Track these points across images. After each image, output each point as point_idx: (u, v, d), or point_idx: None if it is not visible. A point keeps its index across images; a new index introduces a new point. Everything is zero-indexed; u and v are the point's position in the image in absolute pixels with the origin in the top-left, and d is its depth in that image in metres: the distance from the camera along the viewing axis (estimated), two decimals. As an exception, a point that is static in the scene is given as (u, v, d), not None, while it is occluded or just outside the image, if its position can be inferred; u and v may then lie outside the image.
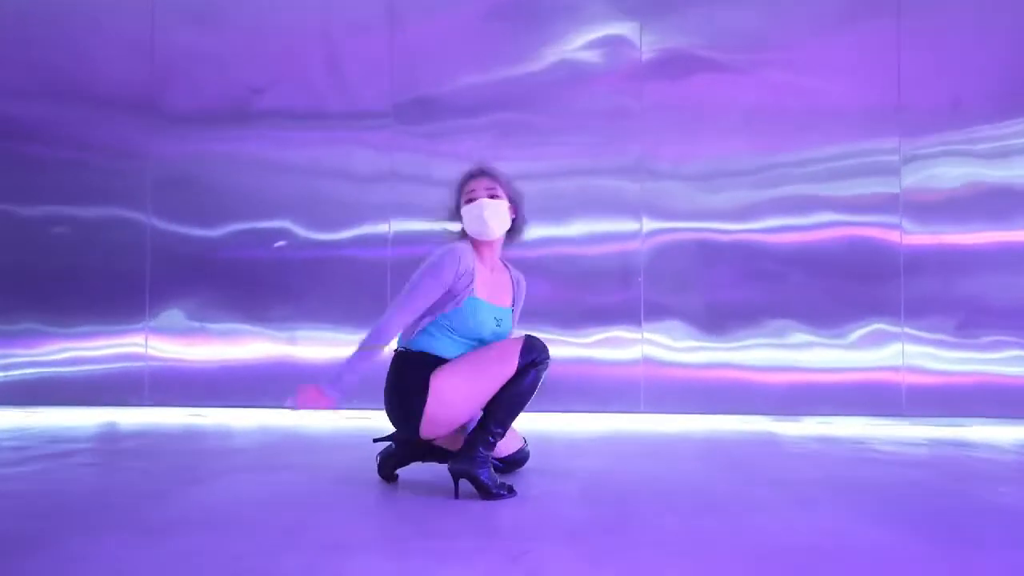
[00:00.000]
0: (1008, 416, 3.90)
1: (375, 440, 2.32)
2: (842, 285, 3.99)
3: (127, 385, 4.19)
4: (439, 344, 2.17)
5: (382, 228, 4.15)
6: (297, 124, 4.20)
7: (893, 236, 3.98)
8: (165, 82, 4.27)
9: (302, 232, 4.19)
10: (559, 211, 4.05)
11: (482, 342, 2.20)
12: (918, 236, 3.97)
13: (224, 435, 3.47)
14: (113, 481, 2.35)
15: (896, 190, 3.99)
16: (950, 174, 3.99)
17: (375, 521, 1.85)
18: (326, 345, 4.13)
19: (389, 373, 2.18)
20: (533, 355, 2.04)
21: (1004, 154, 3.96)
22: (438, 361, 2.13)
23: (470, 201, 2.23)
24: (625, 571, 1.40)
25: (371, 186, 4.16)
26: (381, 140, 4.15)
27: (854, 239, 4.00)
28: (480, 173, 2.28)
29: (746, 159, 4.04)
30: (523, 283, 2.43)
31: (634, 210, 4.07)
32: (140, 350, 4.20)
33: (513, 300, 2.36)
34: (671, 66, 4.09)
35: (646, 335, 4.03)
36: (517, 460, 2.42)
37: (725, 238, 4.03)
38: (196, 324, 4.17)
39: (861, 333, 3.98)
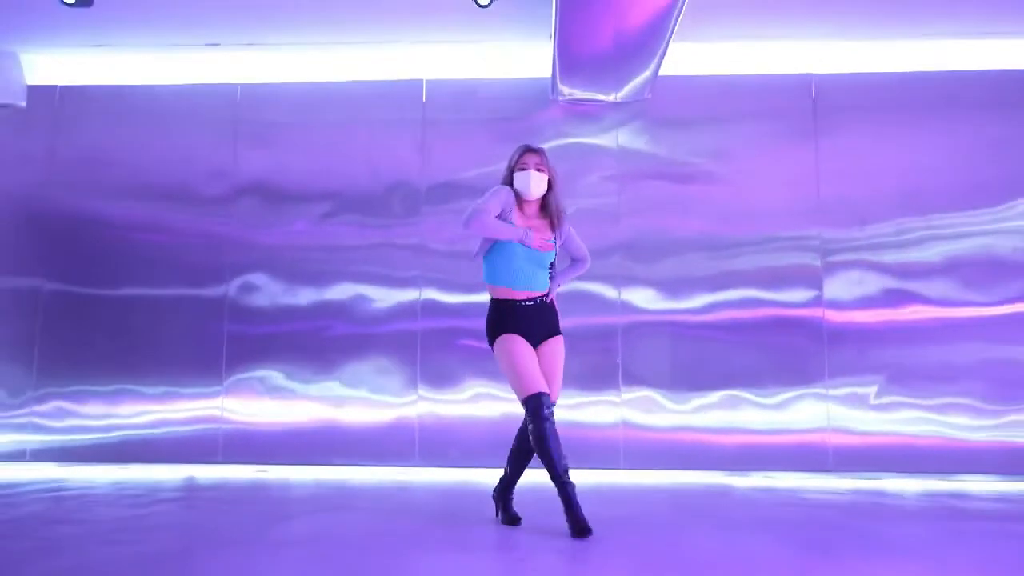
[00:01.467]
0: (916, 472, 4.76)
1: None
2: (777, 357, 4.88)
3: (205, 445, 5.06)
4: (496, 270, 2.97)
5: (413, 297, 5.08)
6: (346, 223, 5.16)
7: (817, 314, 4.91)
8: (241, 193, 5.24)
9: (345, 322, 5.10)
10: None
11: (522, 258, 2.95)
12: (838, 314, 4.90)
13: (287, 487, 4.33)
14: (216, 518, 3.22)
15: (817, 291, 4.94)
16: (861, 267, 4.94)
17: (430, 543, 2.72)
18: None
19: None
20: (530, 409, 2.79)
21: (901, 246, 4.92)
22: (498, 304, 2.98)
23: (522, 169, 2.97)
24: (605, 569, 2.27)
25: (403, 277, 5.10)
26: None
27: (782, 318, 4.91)
28: (533, 150, 3.02)
29: (704, 265, 4.99)
30: (566, 228, 3.12)
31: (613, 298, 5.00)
32: (217, 413, 5.07)
33: (553, 237, 3.07)
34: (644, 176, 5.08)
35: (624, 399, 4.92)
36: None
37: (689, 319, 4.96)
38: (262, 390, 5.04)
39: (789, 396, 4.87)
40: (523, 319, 2.99)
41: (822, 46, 5.10)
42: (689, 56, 5.07)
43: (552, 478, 2.77)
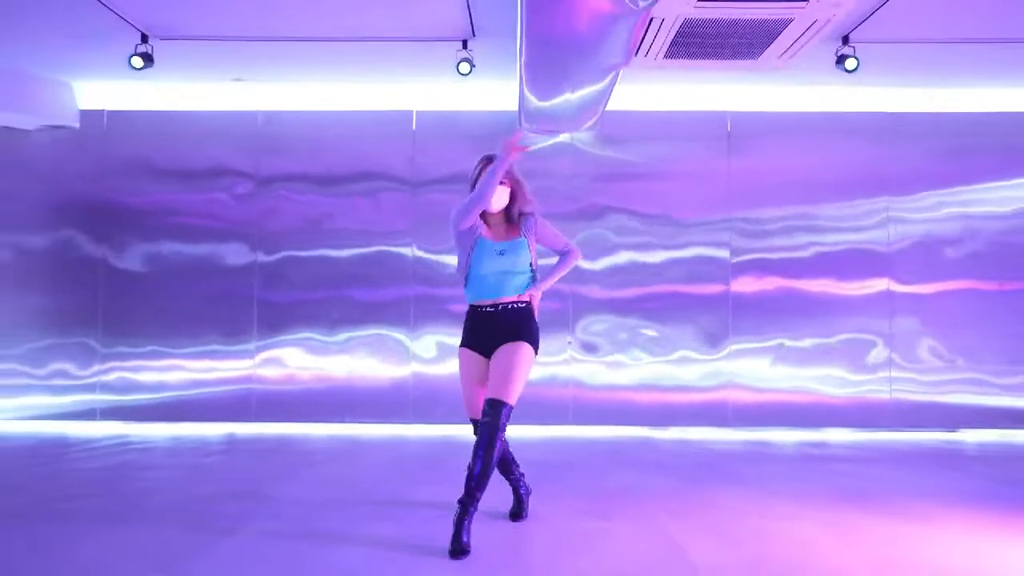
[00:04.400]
0: (804, 425, 6.21)
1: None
2: (686, 326, 6.25)
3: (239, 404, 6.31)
4: (467, 281, 3.08)
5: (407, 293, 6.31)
6: (350, 236, 6.33)
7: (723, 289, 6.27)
8: (263, 188, 6.36)
9: (360, 296, 6.32)
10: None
11: (489, 266, 3.04)
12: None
13: (306, 441, 5.64)
14: (263, 464, 4.52)
15: (727, 255, 6.27)
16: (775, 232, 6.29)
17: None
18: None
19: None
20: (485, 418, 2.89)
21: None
22: (466, 313, 3.13)
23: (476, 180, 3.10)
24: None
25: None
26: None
27: (686, 295, 6.26)
28: (484, 159, 3.13)
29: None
30: (532, 219, 3.16)
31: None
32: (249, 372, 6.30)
33: (522, 233, 3.12)
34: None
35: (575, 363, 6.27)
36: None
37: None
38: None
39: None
40: (477, 327, 3.08)
41: (736, 89, 6.32)
42: (629, 95, 6.24)
43: (466, 485, 2.86)
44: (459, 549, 2.77)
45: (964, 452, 5.40)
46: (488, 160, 3.10)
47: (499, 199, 3.06)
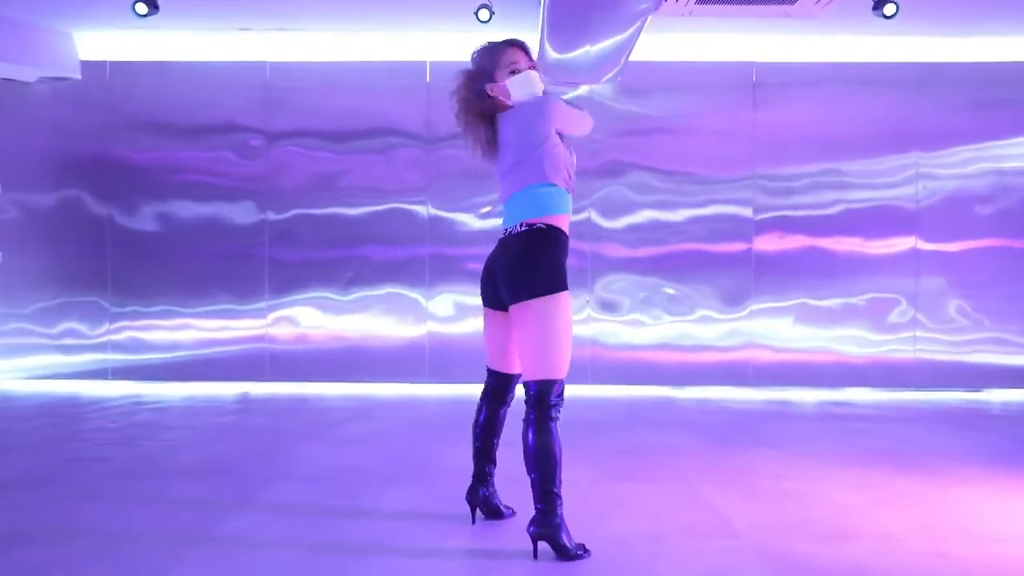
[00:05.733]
0: (825, 385, 6.12)
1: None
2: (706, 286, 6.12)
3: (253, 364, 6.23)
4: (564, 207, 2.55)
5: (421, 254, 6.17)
6: (362, 193, 6.16)
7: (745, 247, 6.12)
8: (271, 143, 6.19)
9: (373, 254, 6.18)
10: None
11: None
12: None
13: (322, 400, 5.57)
14: (280, 423, 4.45)
15: (750, 213, 6.12)
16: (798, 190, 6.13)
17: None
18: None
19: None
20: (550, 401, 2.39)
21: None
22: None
23: (515, 72, 2.51)
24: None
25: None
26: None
27: (708, 254, 6.12)
28: (517, 45, 2.56)
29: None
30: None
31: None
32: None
33: None
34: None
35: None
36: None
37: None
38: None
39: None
40: (485, 269, 2.63)
41: (763, 39, 6.07)
42: (650, 45, 6.00)
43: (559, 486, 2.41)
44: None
45: (989, 411, 5.32)
46: (513, 44, 2.59)
47: (540, 86, 2.62)
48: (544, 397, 2.39)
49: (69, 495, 3.13)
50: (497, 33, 5.64)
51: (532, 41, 5.54)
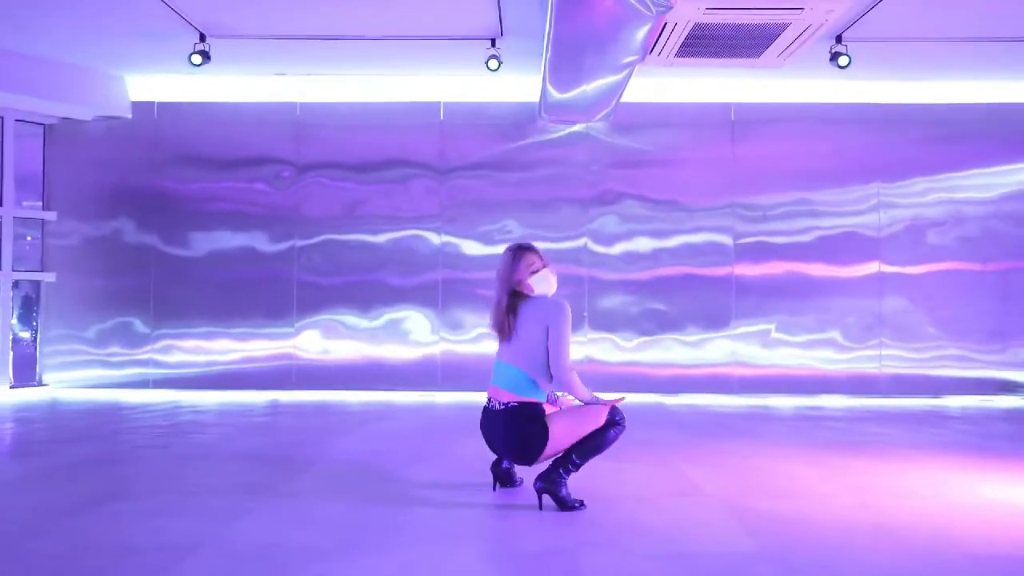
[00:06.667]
0: (802, 392, 6.74)
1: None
2: (693, 306, 6.76)
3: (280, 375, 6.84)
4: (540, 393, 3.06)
5: (434, 278, 6.82)
6: (382, 221, 6.84)
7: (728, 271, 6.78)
8: (301, 174, 6.87)
9: (391, 277, 6.83)
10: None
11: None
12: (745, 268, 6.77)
13: (345, 405, 6.17)
14: (308, 424, 5.05)
15: (730, 240, 6.78)
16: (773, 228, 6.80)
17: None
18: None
19: (511, 423, 3.00)
20: (616, 417, 2.98)
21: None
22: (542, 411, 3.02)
23: (536, 271, 3.06)
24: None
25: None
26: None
27: (693, 276, 6.77)
28: (531, 249, 3.11)
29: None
30: None
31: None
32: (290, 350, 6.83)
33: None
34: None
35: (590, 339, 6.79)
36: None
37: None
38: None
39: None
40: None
41: (739, 82, 6.80)
42: (641, 88, 6.72)
43: (579, 459, 2.98)
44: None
45: (948, 414, 5.93)
46: (528, 249, 3.10)
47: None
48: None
49: (145, 468, 3.73)
50: (502, 78, 6.43)
51: (535, 83, 6.30)
